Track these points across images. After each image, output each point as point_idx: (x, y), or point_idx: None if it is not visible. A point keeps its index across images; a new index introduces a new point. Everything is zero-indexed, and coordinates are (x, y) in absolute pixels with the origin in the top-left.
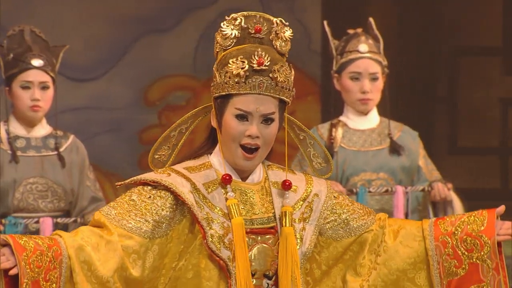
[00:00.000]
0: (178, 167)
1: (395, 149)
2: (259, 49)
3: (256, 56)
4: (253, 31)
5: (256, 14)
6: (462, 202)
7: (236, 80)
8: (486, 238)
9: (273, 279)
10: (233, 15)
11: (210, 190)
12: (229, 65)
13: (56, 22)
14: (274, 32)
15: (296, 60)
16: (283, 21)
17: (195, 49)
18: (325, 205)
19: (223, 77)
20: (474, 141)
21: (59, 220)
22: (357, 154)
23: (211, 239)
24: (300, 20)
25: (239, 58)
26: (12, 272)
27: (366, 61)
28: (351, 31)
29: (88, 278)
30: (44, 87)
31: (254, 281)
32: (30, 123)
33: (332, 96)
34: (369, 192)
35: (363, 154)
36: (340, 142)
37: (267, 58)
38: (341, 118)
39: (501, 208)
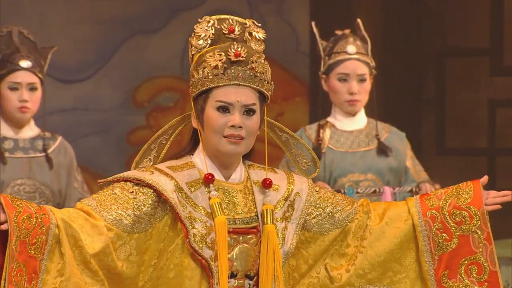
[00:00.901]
0: (161, 166)
1: (382, 150)
2: (235, 43)
3: (232, 49)
4: (226, 32)
5: (228, 17)
6: None
7: (214, 72)
8: (474, 209)
9: (254, 279)
10: (206, 17)
11: (193, 189)
12: (206, 60)
13: (44, 23)
14: (247, 33)
15: (284, 61)
16: (255, 22)
17: (183, 50)
18: (307, 204)
19: (201, 73)
20: (462, 142)
21: None
22: (345, 155)
23: (193, 239)
24: (288, 21)
25: (216, 52)
26: (2, 227)
27: (354, 63)
28: (339, 32)
29: (73, 253)
30: (32, 88)
31: (236, 282)
32: (18, 124)
33: (320, 97)
34: (357, 193)
35: (350, 155)
36: (327, 143)
37: (244, 50)
38: (329, 119)
39: (485, 179)
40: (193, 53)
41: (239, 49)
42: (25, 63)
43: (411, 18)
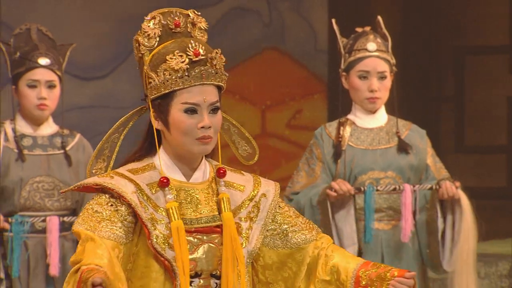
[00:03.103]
0: (121, 169)
1: (403, 147)
2: (191, 40)
3: (191, 48)
4: (173, 26)
5: (172, 9)
6: (469, 201)
7: (179, 75)
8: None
9: (221, 279)
10: (151, 14)
11: (154, 191)
12: (167, 61)
13: (63, 21)
14: (190, 24)
15: (303, 59)
16: (196, 11)
17: None
18: (272, 204)
19: (161, 75)
20: (481, 140)
21: (65, 218)
22: (365, 152)
23: (155, 240)
24: (306, 19)
25: (175, 53)
26: None
27: (374, 60)
28: (359, 30)
29: None
30: (50, 85)
31: (201, 281)
32: (36, 122)
33: (340, 94)
34: (377, 190)
35: (371, 153)
36: (348, 140)
37: (202, 48)
38: (349, 116)
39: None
40: (142, 52)
41: (197, 47)
42: (43, 61)
43: (430, 16)
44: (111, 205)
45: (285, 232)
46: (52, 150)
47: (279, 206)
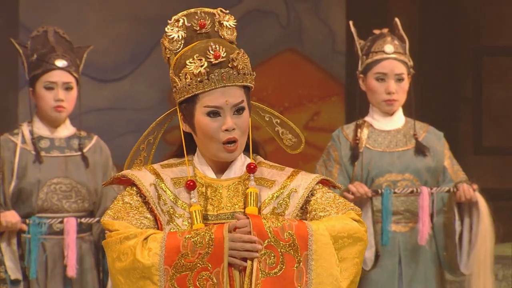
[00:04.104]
0: (157, 164)
1: (420, 150)
2: (211, 43)
3: (211, 51)
4: (198, 28)
5: (196, 10)
6: (487, 203)
7: (198, 79)
8: None
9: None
10: (175, 17)
11: (178, 185)
12: (187, 66)
13: (80, 23)
14: (217, 23)
15: (321, 60)
16: (223, 10)
17: None
18: (301, 200)
19: (183, 80)
20: (500, 141)
21: (83, 220)
22: (383, 155)
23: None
24: (324, 20)
25: (195, 57)
26: None
27: (391, 62)
28: (377, 32)
29: None
30: (67, 87)
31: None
32: (53, 124)
33: (358, 96)
34: (395, 193)
35: (388, 155)
36: (365, 143)
37: (222, 50)
38: (367, 118)
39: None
40: (168, 56)
41: (217, 49)
42: (60, 63)
43: (448, 17)
44: (140, 196)
45: (313, 217)
46: (70, 152)
47: (312, 194)
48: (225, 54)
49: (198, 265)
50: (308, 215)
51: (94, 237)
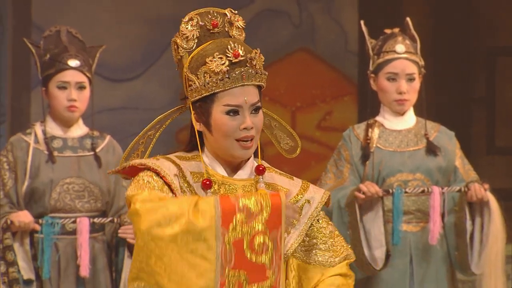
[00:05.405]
0: (170, 155)
1: (431, 149)
2: (231, 41)
3: (230, 49)
4: (211, 27)
5: (209, 9)
6: (499, 203)
7: (219, 77)
8: None
9: None
10: (188, 15)
11: (195, 180)
12: (207, 64)
13: (93, 23)
14: (228, 23)
15: (333, 60)
16: (232, 10)
17: None
18: (314, 212)
19: (202, 78)
20: None
21: (95, 220)
22: (394, 154)
23: None
24: (336, 20)
25: (215, 55)
26: None
27: (402, 62)
28: (388, 31)
29: None
30: (80, 87)
31: None
32: (66, 124)
33: (369, 96)
34: (406, 192)
35: (399, 155)
36: (376, 142)
37: (241, 48)
38: (378, 118)
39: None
40: (181, 54)
41: (236, 48)
42: (73, 62)
43: (461, 17)
44: (159, 180)
45: (312, 246)
46: (82, 152)
47: (318, 221)
48: (243, 53)
49: (256, 228)
50: (307, 238)
51: (107, 237)
